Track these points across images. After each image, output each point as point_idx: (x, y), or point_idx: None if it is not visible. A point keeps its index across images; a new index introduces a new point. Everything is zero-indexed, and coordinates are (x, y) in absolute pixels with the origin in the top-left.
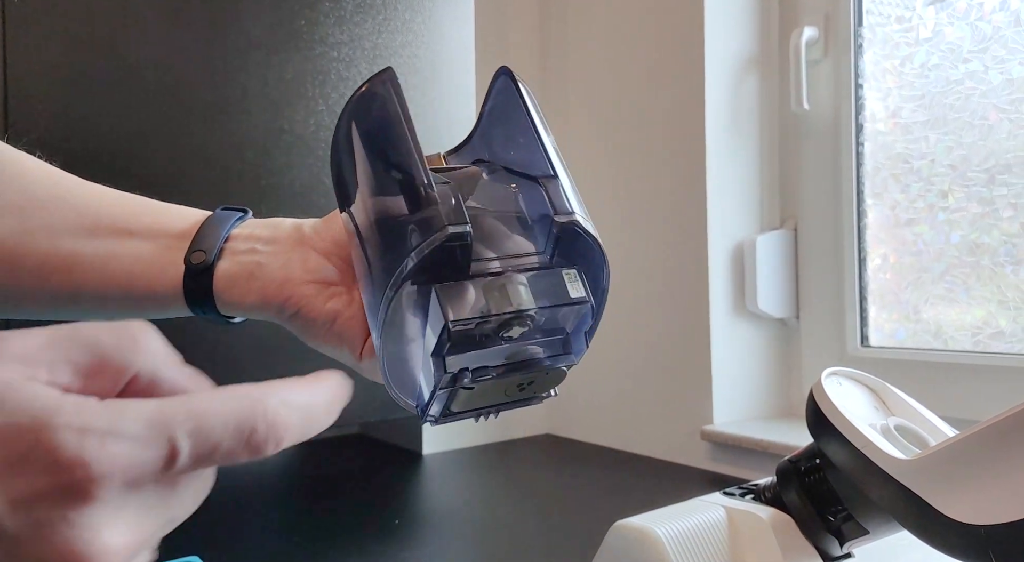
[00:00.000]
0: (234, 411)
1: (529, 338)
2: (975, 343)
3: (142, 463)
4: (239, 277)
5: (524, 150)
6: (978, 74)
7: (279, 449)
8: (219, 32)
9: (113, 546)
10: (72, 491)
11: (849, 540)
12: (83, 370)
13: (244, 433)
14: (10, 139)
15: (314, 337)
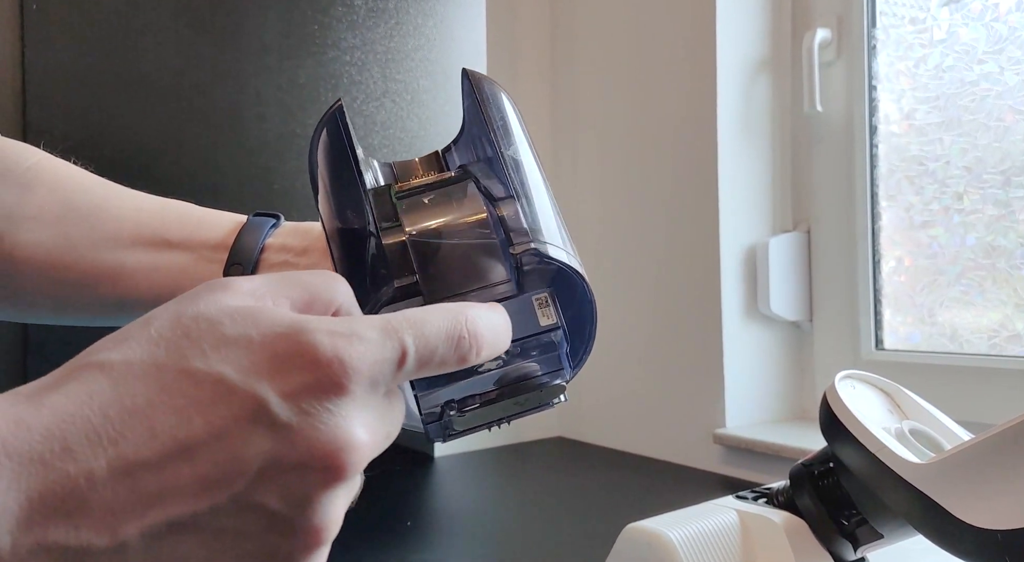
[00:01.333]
0: (445, 320)
1: (514, 362)
2: (991, 346)
3: (382, 360)
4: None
5: (492, 162)
6: (993, 75)
7: (479, 360)
8: (233, 37)
9: (363, 438)
10: (331, 384)
11: (863, 545)
12: (299, 304)
13: (454, 340)
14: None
15: None
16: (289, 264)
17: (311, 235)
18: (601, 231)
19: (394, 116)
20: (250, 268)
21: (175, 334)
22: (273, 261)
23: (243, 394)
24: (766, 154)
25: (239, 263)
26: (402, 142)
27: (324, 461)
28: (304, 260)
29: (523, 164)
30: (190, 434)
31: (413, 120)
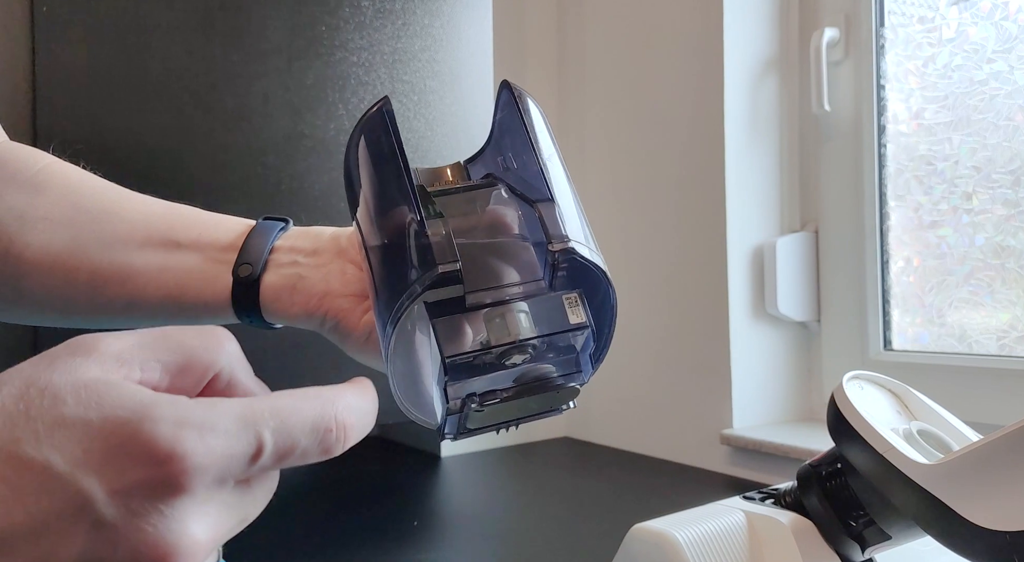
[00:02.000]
0: (312, 410)
1: (534, 361)
2: (1000, 347)
3: (232, 457)
4: (283, 290)
5: (526, 169)
6: (1003, 74)
7: (344, 450)
8: (240, 39)
9: (199, 539)
10: (167, 482)
11: (871, 546)
12: (172, 369)
13: (320, 433)
14: (38, 144)
15: (352, 349)
16: (298, 264)
17: (321, 238)
18: (608, 231)
19: (401, 117)
20: (259, 269)
21: (17, 409)
22: (282, 261)
23: (69, 488)
24: (774, 154)
25: (248, 263)
26: (409, 143)
27: None
28: (311, 261)
29: (556, 171)
30: (10, 525)
31: (420, 120)
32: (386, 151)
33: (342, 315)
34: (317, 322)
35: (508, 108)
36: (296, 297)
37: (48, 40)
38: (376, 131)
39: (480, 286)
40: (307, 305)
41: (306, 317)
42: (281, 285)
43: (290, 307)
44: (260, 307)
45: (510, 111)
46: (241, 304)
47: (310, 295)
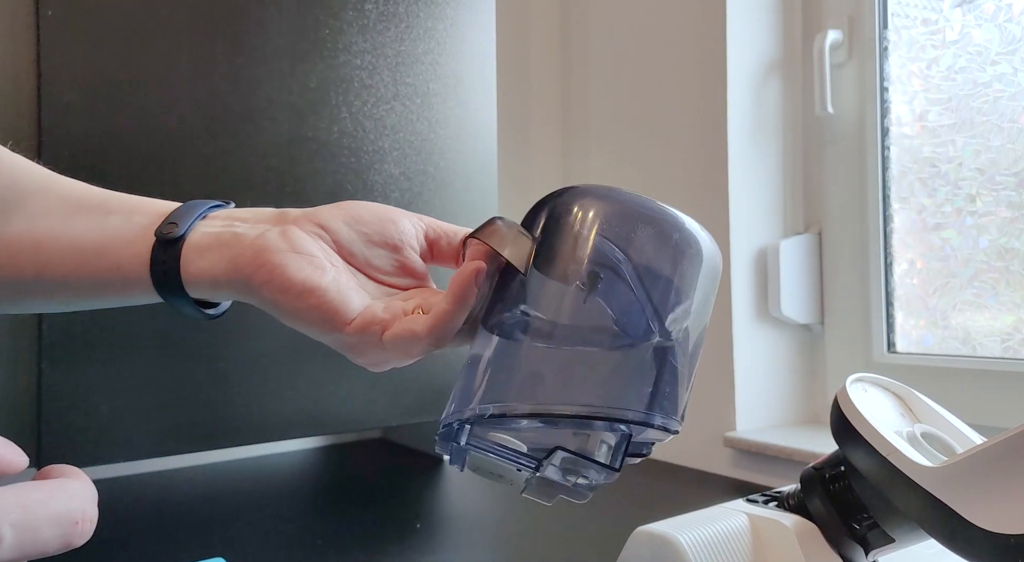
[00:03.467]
0: (60, 503)
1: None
2: (1004, 349)
3: None
4: (211, 246)
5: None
6: (1007, 77)
7: (84, 542)
8: (245, 42)
9: None
10: None
11: (875, 548)
12: None
13: (65, 526)
14: (43, 147)
15: (289, 310)
16: (234, 225)
17: (262, 211)
18: None
19: (404, 119)
20: (185, 228)
21: None
22: (214, 225)
23: None
24: (777, 156)
25: (175, 222)
26: (412, 145)
27: None
28: (251, 224)
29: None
30: None
31: (423, 123)
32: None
33: (278, 270)
34: (243, 280)
35: (696, 257)
36: (225, 253)
37: (53, 43)
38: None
39: None
40: (236, 261)
41: (233, 273)
42: (209, 243)
43: (216, 263)
44: (180, 270)
45: (690, 261)
46: (159, 269)
47: (244, 249)
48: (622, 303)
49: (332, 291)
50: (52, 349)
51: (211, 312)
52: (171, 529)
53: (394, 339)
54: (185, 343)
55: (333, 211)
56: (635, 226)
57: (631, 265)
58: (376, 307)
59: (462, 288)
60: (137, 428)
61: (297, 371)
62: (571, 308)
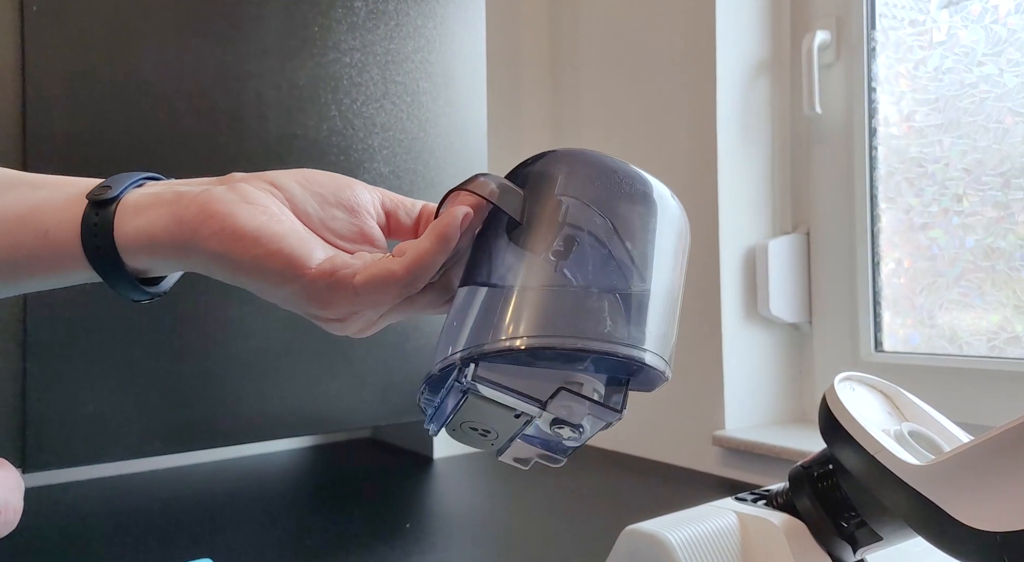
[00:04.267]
0: None
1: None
2: (991, 348)
3: None
4: (150, 205)
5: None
6: (993, 77)
7: (6, 533)
8: (233, 39)
9: None
10: None
11: (862, 546)
12: None
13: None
14: (28, 144)
15: (243, 261)
16: (173, 186)
17: (205, 180)
18: None
19: (394, 118)
20: (120, 190)
21: None
22: (152, 189)
23: None
24: (766, 156)
25: (108, 186)
26: (402, 144)
27: None
28: (189, 187)
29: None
30: None
31: (413, 121)
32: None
33: (229, 218)
34: (189, 233)
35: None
36: (166, 209)
37: (38, 39)
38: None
39: None
40: (180, 214)
41: (176, 227)
42: (147, 202)
43: (155, 220)
44: (114, 234)
45: (635, 193)
46: (90, 230)
47: (187, 203)
48: (601, 262)
49: (291, 236)
50: (36, 347)
51: (151, 290)
52: (159, 530)
53: (368, 280)
54: (172, 342)
55: (285, 172)
56: (610, 187)
57: (610, 224)
58: (342, 254)
59: (447, 227)
60: (123, 428)
61: (286, 370)
62: (554, 272)
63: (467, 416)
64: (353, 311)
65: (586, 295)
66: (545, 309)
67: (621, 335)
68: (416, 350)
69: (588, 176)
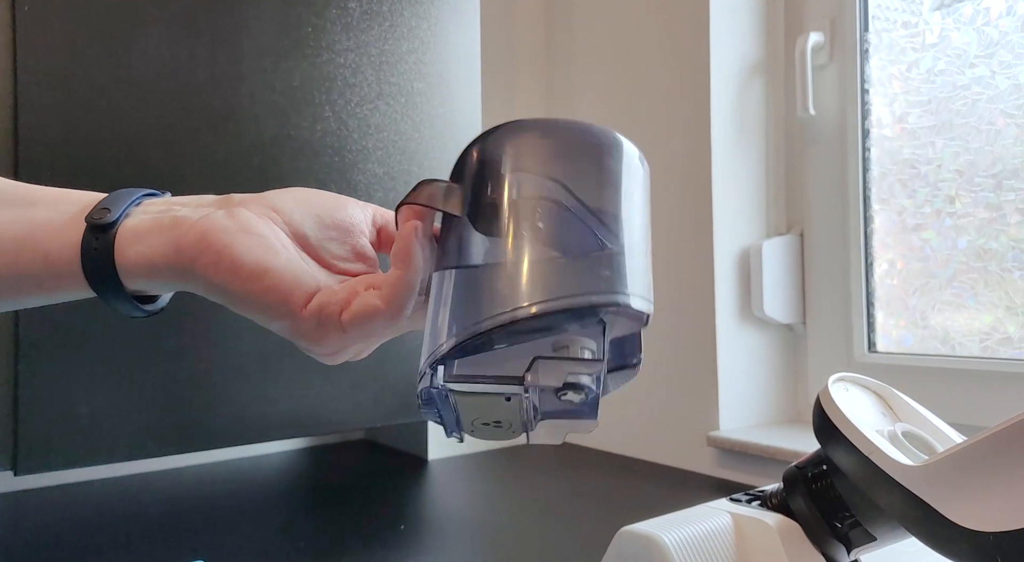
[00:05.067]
0: None
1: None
2: (983, 349)
3: None
4: (150, 231)
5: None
6: (985, 79)
7: None
8: (226, 39)
9: None
10: None
11: (856, 547)
12: None
13: None
14: (20, 146)
15: (240, 295)
16: (173, 209)
17: (203, 198)
18: None
19: (388, 118)
20: (119, 214)
21: None
22: (151, 210)
23: None
24: (759, 157)
25: (107, 208)
26: (396, 145)
27: None
28: (190, 208)
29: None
30: None
31: (407, 122)
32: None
33: (228, 251)
34: (188, 262)
35: (587, 142)
36: (165, 235)
37: (30, 39)
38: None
39: None
40: (179, 242)
41: (176, 255)
42: (147, 227)
43: (154, 246)
44: (115, 259)
45: (588, 144)
46: (91, 258)
47: (186, 230)
48: (566, 229)
49: (286, 272)
50: (29, 349)
51: (148, 308)
52: (152, 532)
53: (353, 318)
54: (165, 343)
55: (283, 194)
56: (566, 151)
57: (568, 191)
58: (330, 289)
59: (404, 249)
60: (117, 430)
61: (279, 372)
62: (514, 250)
63: (469, 415)
64: (344, 346)
65: (549, 262)
66: (499, 288)
67: (590, 286)
68: (410, 351)
69: (531, 146)
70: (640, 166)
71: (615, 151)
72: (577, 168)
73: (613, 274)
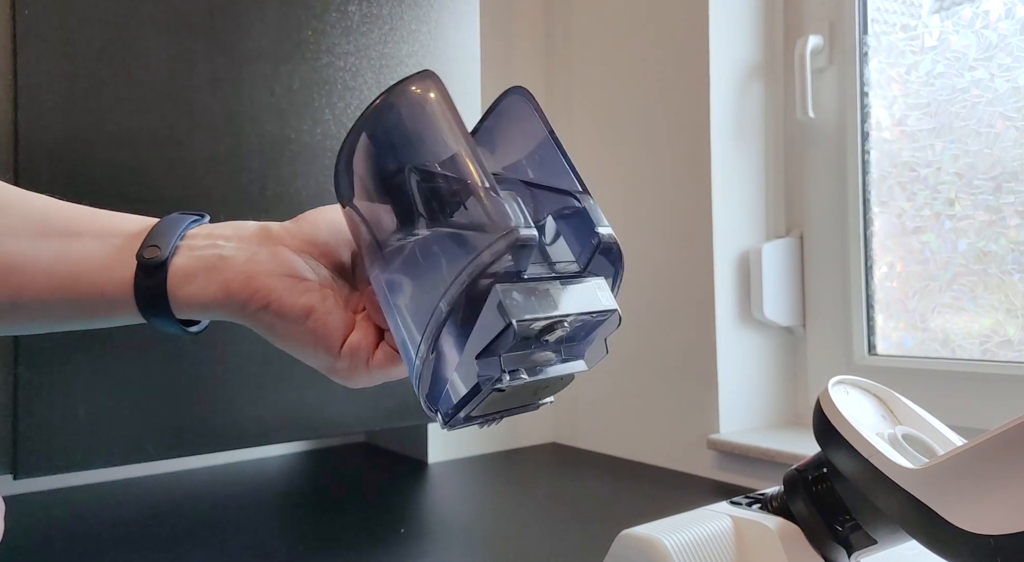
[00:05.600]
0: None
1: (566, 341)
2: (983, 352)
3: None
4: (198, 271)
5: (544, 167)
6: (984, 82)
7: None
8: (227, 43)
9: None
10: None
11: (857, 550)
12: None
13: None
14: (20, 150)
15: (285, 335)
16: (218, 246)
17: (245, 227)
18: None
19: None
20: (168, 251)
21: None
22: (198, 244)
23: None
24: (759, 160)
25: (156, 245)
26: None
27: None
28: (234, 243)
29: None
30: None
31: None
32: (450, 116)
33: (274, 295)
34: (238, 305)
35: (514, 112)
36: (214, 277)
37: (30, 43)
38: (430, 97)
39: (540, 259)
40: (228, 286)
41: (225, 299)
42: (195, 268)
43: (205, 289)
44: (167, 295)
45: (519, 114)
46: (144, 294)
47: (234, 274)
48: (432, 199)
49: (326, 316)
50: (28, 353)
51: (193, 329)
52: (151, 535)
53: (378, 366)
54: (165, 347)
55: (317, 223)
56: (393, 131)
57: (416, 171)
58: (362, 330)
59: (376, 302)
60: (116, 433)
61: (279, 375)
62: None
63: (497, 399)
64: (372, 382)
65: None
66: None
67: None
68: None
69: (364, 150)
70: (422, 92)
71: (409, 106)
72: (415, 137)
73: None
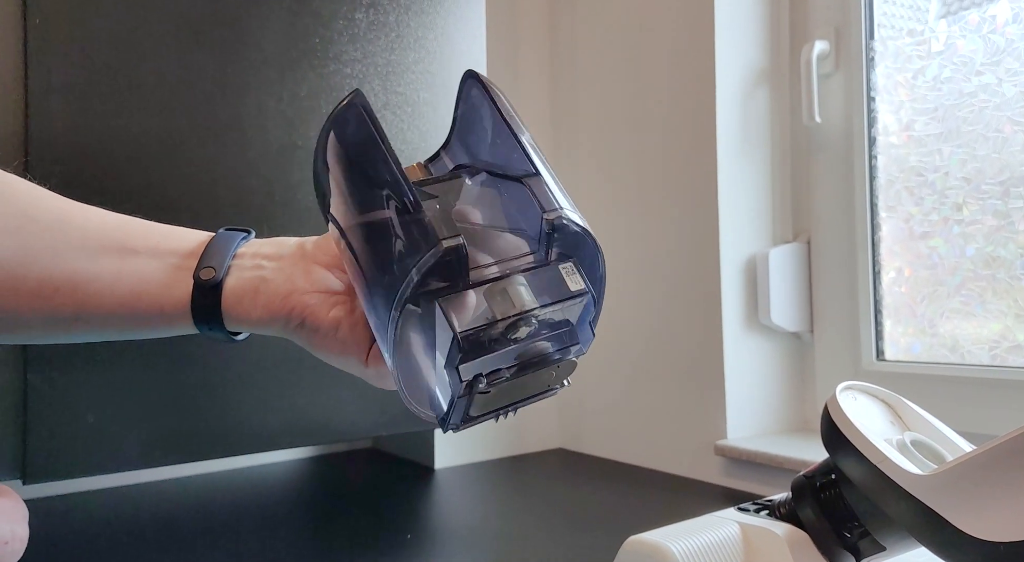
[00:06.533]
0: None
1: (536, 335)
2: (992, 357)
3: None
4: (246, 292)
5: (502, 151)
6: (991, 87)
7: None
8: (234, 50)
9: None
10: None
11: (866, 557)
12: None
13: None
14: (30, 156)
15: (320, 346)
16: (262, 267)
17: (285, 244)
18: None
19: (394, 128)
20: (222, 273)
21: None
22: (245, 265)
23: None
24: (766, 165)
25: (211, 267)
26: (402, 154)
27: None
28: (274, 264)
29: (534, 150)
30: None
31: (414, 132)
32: (369, 138)
33: (308, 311)
34: (281, 322)
35: (474, 96)
36: (259, 299)
37: (41, 51)
38: (354, 121)
39: (480, 262)
40: (271, 306)
41: (269, 318)
42: (244, 289)
43: (252, 310)
44: (221, 313)
45: (477, 99)
46: (201, 311)
47: (274, 295)
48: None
49: (357, 325)
50: (37, 358)
51: (239, 338)
52: (159, 541)
53: None
54: (173, 352)
55: None
56: (336, 147)
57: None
58: None
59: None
60: (124, 438)
61: (287, 380)
62: None
63: (498, 396)
64: None
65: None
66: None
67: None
68: None
69: (336, 171)
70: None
71: (351, 122)
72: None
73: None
